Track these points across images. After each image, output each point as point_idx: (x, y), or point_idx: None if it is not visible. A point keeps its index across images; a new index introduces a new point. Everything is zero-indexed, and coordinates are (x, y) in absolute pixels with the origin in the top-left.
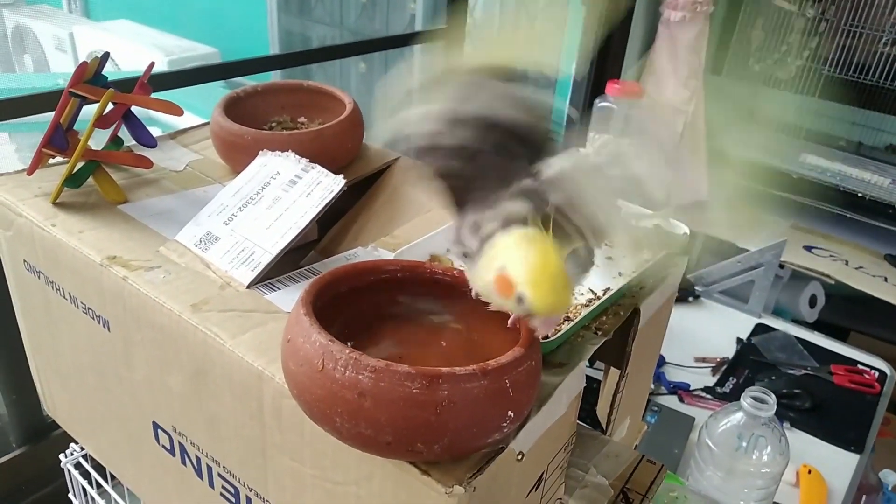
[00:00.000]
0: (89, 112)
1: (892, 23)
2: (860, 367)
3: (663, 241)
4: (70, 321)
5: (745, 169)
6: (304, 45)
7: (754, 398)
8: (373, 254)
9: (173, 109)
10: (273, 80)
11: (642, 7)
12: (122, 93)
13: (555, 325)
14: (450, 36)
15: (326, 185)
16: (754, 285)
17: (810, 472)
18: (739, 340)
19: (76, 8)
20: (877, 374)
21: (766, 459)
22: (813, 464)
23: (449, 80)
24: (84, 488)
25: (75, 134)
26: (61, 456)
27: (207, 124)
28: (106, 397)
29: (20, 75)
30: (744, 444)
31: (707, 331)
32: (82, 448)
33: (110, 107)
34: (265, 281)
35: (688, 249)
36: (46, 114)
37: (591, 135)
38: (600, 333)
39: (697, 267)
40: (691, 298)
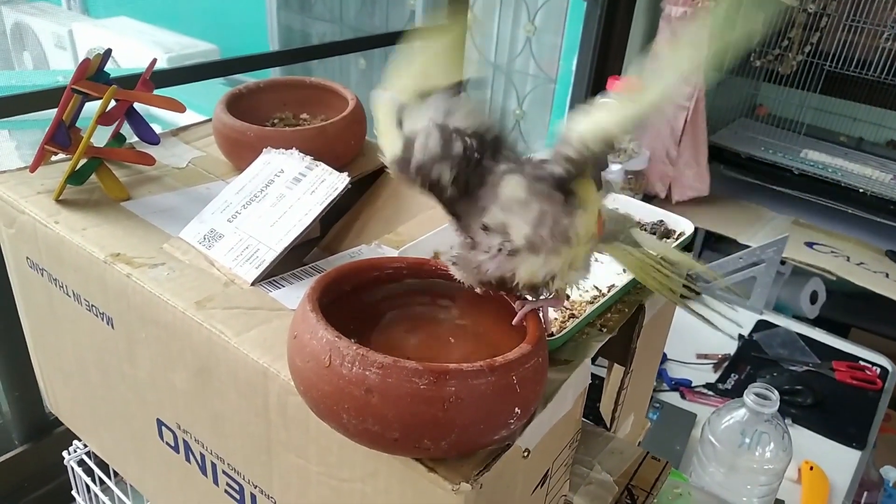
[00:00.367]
0: (91, 109)
1: (893, 18)
2: (861, 363)
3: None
4: (73, 318)
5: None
6: (304, 41)
7: (757, 394)
8: (377, 251)
9: (176, 106)
10: (273, 76)
11: (644, 3)
12: (125, 89)
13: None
14: (448, 31)
15: (330, 183)
16: (756, 282)
17: (812, 468)
18: (741, 337)
19: (75, 5)
20: (878, 370)
21: (769, 456)
22: (814, 460)
23: (416, 101)
24: (87, 485)
25: (78, 131)
26: (64, 453)
27: (210, 121)
28: (109, 394)
29: (20, 72)
30: (747, 440)
31: (708, 327)
32: (85, 445)
33: (113, 104)
34: (269, 278)
35: (690, 247)
36: (46, 111)
37: None
38: (605, 330)
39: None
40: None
